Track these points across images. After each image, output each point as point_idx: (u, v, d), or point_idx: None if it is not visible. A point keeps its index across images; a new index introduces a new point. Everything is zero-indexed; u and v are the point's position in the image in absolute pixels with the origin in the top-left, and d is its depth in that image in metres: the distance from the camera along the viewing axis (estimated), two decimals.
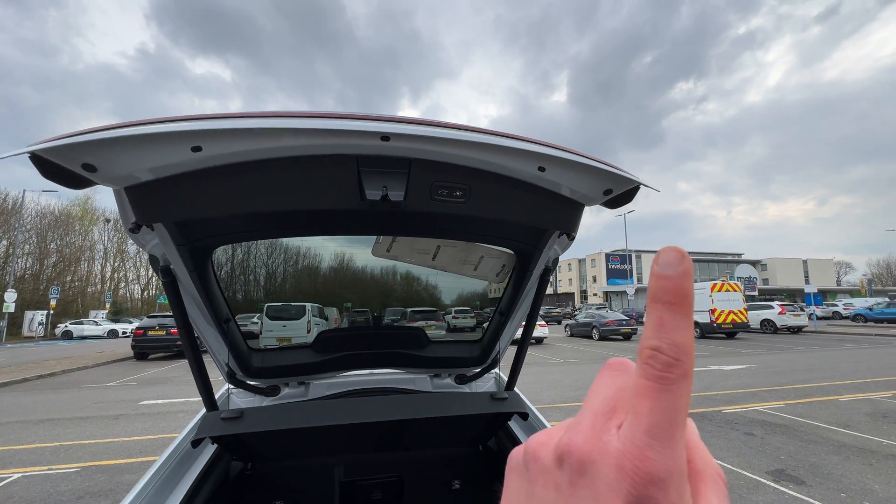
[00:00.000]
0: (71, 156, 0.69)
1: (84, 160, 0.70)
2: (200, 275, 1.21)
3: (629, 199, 0.99)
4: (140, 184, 0.80)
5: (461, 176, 0.87)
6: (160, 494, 1.20)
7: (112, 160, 0.71)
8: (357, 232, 1.34)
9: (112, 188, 0.82)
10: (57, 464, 4.62)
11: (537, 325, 10.18)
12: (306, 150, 0.78)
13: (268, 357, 1.65)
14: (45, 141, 0.66)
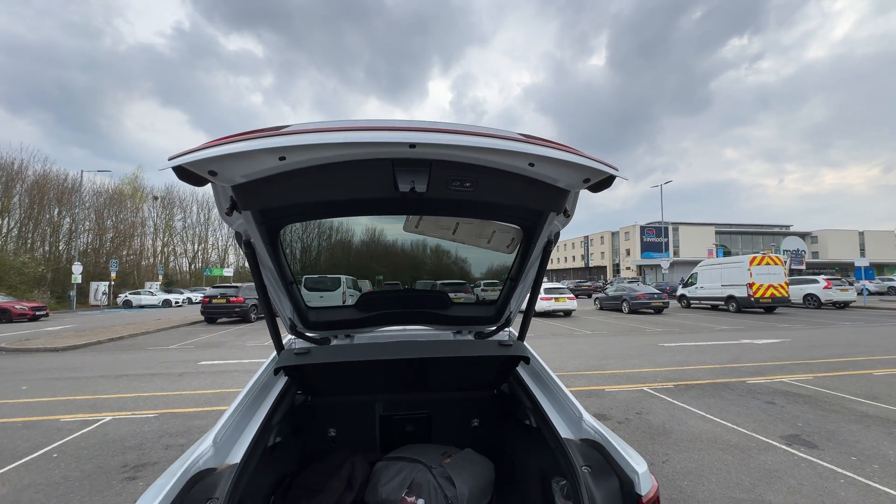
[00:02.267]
0: (202, 165, 1.00)
1: (210, 168, 1.02)
2: (272, 247, 1.55)
3: (608, 185, 1.22)
4: (242, 183, 1.12)
5: (469, 171, 1.14)
6: (248, 413, 1.60)
7: (229, 168, 1.03)
8: (392, 213, 1.64)
9: (224, 187, 1.15)
10: (138, 410, 5.39)
11: (565, 297, 10.55)
12: (357, 157, 1.07)
13: (322, 313, 2.02)
14: (185, 154, 0.98)
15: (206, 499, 1.15)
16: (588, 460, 1.33)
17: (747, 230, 70.09)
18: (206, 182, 1.08)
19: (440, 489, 1.73)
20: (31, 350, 10.61)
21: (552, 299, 17.57)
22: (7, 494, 3.25)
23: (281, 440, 1.66)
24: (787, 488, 3.20)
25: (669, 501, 3.04)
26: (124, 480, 3.46)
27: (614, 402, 5.45)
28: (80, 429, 4.70)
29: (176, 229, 50.89)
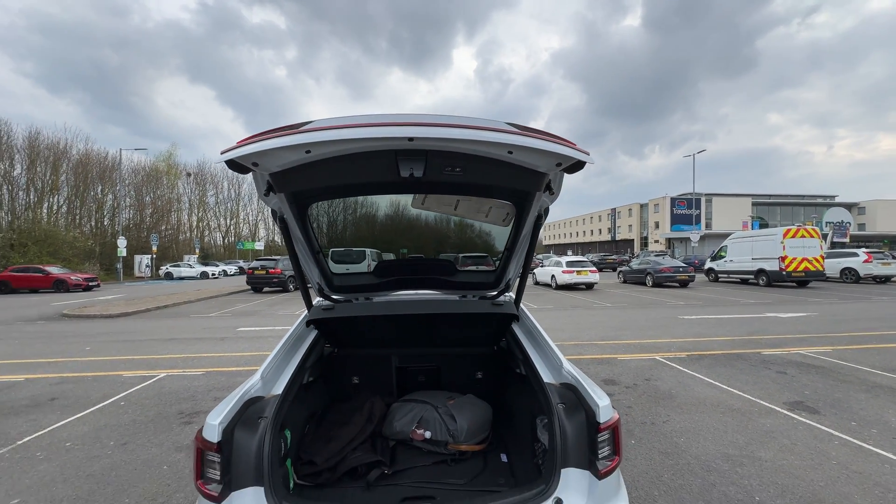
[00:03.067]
0: (247, 158, 1.28)
1: (252, 160, 1.29)
2: (301, 222, 1.84)
3: (581, 167, 1.42)
4: (279, 171, 1.40)
5: (458, 159, 1.37)
6: (287, 358, 1.95)
7: (267, 160, 1.30)
8: (397, 192, 1.90)
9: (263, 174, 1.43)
10: (187, 368, 6.03)
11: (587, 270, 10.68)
12: (366, 149, 1.31)
13: (344, 279, 2.33)
14: (233, 149, 1.25)
15: (257, 417, 1.49)
16: (563, 399, 1.59)
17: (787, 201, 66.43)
18: (249, 171, 1.36)
19: (444, 424, 2.05)
20: (90, 316, 11.69)
21: (574, 272, 17.62)
22: (89, 432, 3.85)
23: (313, 380, 2.01)
24: (780, 447, 3.40)
25: (664, 455, 3.30)
26: (182, 424, 4.01)
27: (625, 370, 5.67)
28: (140, 383, 5.35)
29: (209, 205, 53.00)
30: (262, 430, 1.45)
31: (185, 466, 3.18)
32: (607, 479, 1.40)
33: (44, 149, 33.93)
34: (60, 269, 21.95)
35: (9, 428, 3.97)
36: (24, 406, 4.57)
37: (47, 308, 14.01)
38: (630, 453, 3.32)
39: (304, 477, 1.82)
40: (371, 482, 1.81)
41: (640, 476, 2.99)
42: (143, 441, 3.65)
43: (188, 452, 3.41)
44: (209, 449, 1.34)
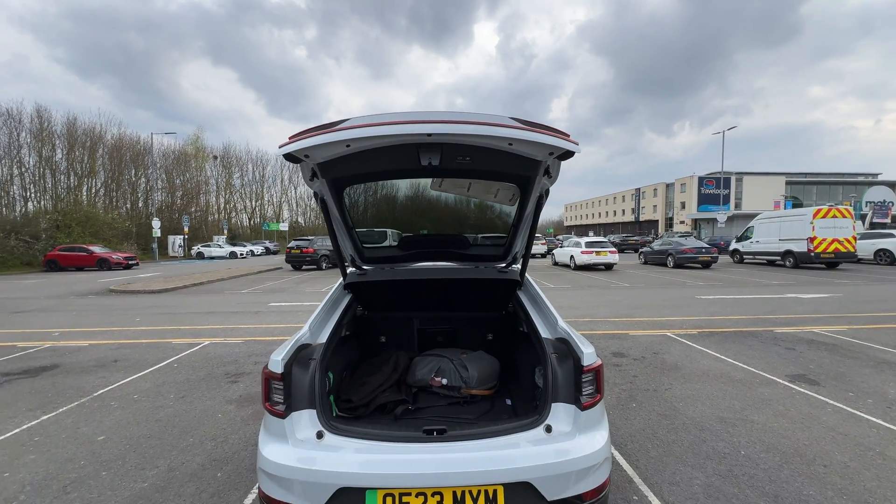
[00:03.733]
0: (300, 152, 1.61)
1: (306, 153, 1.63)
2: (338, 203, 2.19)
3: (571, 156, 1.70)
4: (324, 161, 1.73)
5: (467, 150, 1.67)
6: (328, 315, 2.33)
7: (316, 152, 1.64)
8: (419, 177, 2.22)
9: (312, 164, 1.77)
10: (228, 338, 6.63)
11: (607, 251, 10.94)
12: (393, 143, 1.63)
13: (373, 251, 2.70)
14: (289, 144, 1.58)
15: (308, 358, 1.87)
16: (557, 350, 1.91)
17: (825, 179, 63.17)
18: (301, 161, 1.70)
19: (458, 372, 2.41)
20: (134, 292, 12.62)
21: (593, 253, 17.66)
22: (151, 388, 4.42)
23: (349, 335, 2.40)
24: (774, 412, 3.64)
25: (661, 416, 3.60)
26: (229, 382, 4.54)
27: (635, 344, 5.93)
28: (188, 349, 5.95)
29: (235, 187, 54.51)
30: (313, 368, 1.83)
31: (237, 416, 3.69)
32: (589, 411, 1.73)
33: (81, 134, 35.54)
34: (102, 249, 23.37)
35: (84, 383, 4.59)
36: (92, 366, 5.22)
37: (95, 284, 15.12)
38: (630, 414, 3.63)
39: (344, 411, 2.22)
40: (397, 416, 2.21)
41: (636, 432, 3.31)
42: (198, 395, 4.19)
43: (238, 405, 3.92)
44: (275, 379, 1.73)
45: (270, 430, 1.74)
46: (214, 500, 2.51)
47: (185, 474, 2.79)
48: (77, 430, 3.46)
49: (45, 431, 3.43)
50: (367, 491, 1.54)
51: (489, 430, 1.69)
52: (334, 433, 1.69)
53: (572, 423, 1.73)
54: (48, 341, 6.55)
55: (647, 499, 2.47)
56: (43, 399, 4.14)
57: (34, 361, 5.44)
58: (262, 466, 1.65)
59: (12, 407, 3.95)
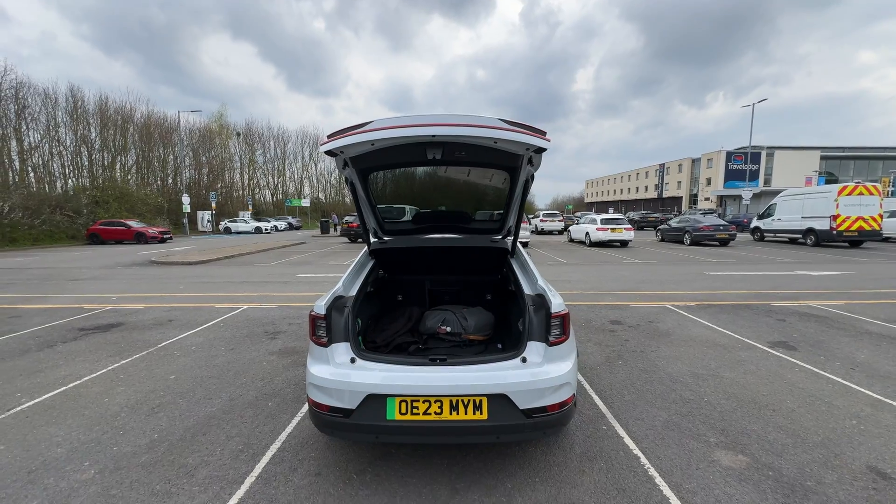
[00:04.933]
0: (336, 148, 2.15)
1: (339, 149, 2.16)
2: (364, 186, 2.74)
3: (544, 151, 2.18)
4: (354, 155, 2.27)
5: (463, 146, 2.18)
6: (356, 275, 2.93)
7: (348, 150, 2.17)
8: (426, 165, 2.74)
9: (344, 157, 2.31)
10: (263, 303, 7.41)
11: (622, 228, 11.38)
12: (406, 141, 2.14)
13: (392, 225, 3.27)
14: (326, 142, 2.12)
15: (343, 306, 2.47)
16: (534, 302, 2.44)
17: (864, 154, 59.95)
18: (336, 155, 2.24)
19: (459, 322, 3.00)
20: (173, 263, 13.67)
21: (608, 230, 17.84)
22: (204, 342, 5.20)
23: (373, 291, 3.00)
24: (744, 370, 4.11)
25: (642, 371, 4.11)
26: (268, 339, 5.27)
27: (632, 314, 6.39)
28: (230, 312, 6.74)
29: (258, 163, 55.83)
30: (346, 313, 2.42)
31: (279, 363, 4.39)
32: (556, 347, 2.27)
33: (112, 113, 36.92)
34: (139, 224, 24.83)
35: (148, 337, 5.41)
36: (151, 324, 6.05)
37: (136, 256, 16.34)
38: (615, 370, 4.16)
39: (369, 349, 2.84)
40: (410, 352, 2.82)
41: (617, 383, 3.84)
42: (245, 348, 4.92)
43: (279, 355, 4.63)
44: (319, 318, 2.33)
45: (316, 356, 2.35)
46: (269, 419, 3.20)
47: (243, 403, 3.50)
48: (152, 371, 4.23)
49: (126, 372, 4.22)
50: (387, 398, 2.14)
51: (479, 360, 2.26)
52: (363, 359, 2.29)
53: (542, 356, 2.28)
54: (109, 304, 7.47)
55: (614, 428, 3.02)
56: (118, 348, 4.95)
57: (102, 320, 6.32)
58: (310, 381, 2.27)
59: (95, 353, 4.77)
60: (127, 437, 2.97)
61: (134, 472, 2.56)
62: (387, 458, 2.62)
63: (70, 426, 3.14)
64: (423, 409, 2.12)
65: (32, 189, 28.87)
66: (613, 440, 2.87)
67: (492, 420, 2.12)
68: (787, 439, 2.86)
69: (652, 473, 2.50)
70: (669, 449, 2.76)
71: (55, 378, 4.05)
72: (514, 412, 2.13)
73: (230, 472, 2.54)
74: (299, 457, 2.70)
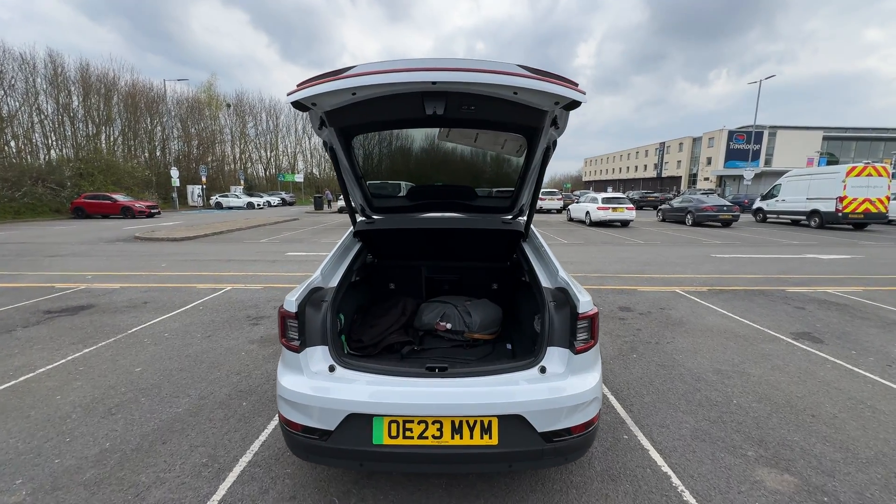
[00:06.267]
0: (308, 100, 1.64)
1: (313, 101, 1.65)
2: (347, 152, 2.23)
3: (577, 106, 1.68)
4: (331, 109, 1.76)
5: (472, 99, 1.67)
6: (339, 262, 2.45)
7: (323, 101, 1.66)
8: (424, 126, 2.22)
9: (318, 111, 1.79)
10: (248, 284, 6.94)
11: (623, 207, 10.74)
12: (399, 91, 1.63)
13: (382, 201, 2.77)
14: (296, 91, 1.61)
15: (321, 300, 2.01)
16: (555, 298, 2.00)
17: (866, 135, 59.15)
18: (308, 109, 1.73)
19: (461, 318, 2.55)
20: (158, 239, 13.10)
21: (609, 209, 17.36)
22: (180, 327, 4.75)
23: (359, 280, 2.54)
24: (771, 366, 3.74)
25: (660, 366, 3.73)
26: (250, 324, 4.84)
27: (642, 300, 6.01)
28: (211, 293, 6.28)
29: (249, 136, 54.21)
30: (324, 309, 1.97)
31: (259, 354, 3.97)
32: (583, 355, 1.84)
33: (95, 80, 35.26)
34: (125, 197, 23.98)
35: (118, 321, 4.95)
36: (125, 307, 5.59)
37: (121, 232, 15.70)
38: (629, 364, 3.78)
39: (354, 350, 2.40)
40: (404, 355, 2.38)
41: (634, 380, 3.46)
42: (223, 335, 4.49)
43: (259, 344, 4.20)
44: (289, 317, 1.87)
45: (287, 363, 1.91)
46: (241, 424, 2.79)
47: (214, 402, 3.08)
48: (116, 362, 3.80)
49: (87, 363, 3.78)
50: (374, 417, 1.71)
51: (487, 369, 1.82)
52: (345, 367, 1.85)
53: (565, 366, 1.85)
54: (83, 283, 6.97)
55: (637, 438, 2.64)
56: (83, 334, 4.50)
57: (72, 301, 5.85)
58: (280, 394, 1.83)
59: (57, 341, 4.32)
60: (73, 446, 2.55)
61: (73, 493, 2.15)
62: (374, 477, 2.22)
63: (10, 431, 2.71)
64: (418, 432, 1.70)
65: (13, 160, 27.75)
66: (638, 454, 2.49)
67: (503, 445, 1.70)
68: (835, 454, 2.49)
69: (688, 499, 2.12)
70: (703, 465, 2.38)
71: (5, 370, 3.61)
72: (531, 435, 1.72)
73: (188, 495, 2.14)
74: (272, 474, 2.29)
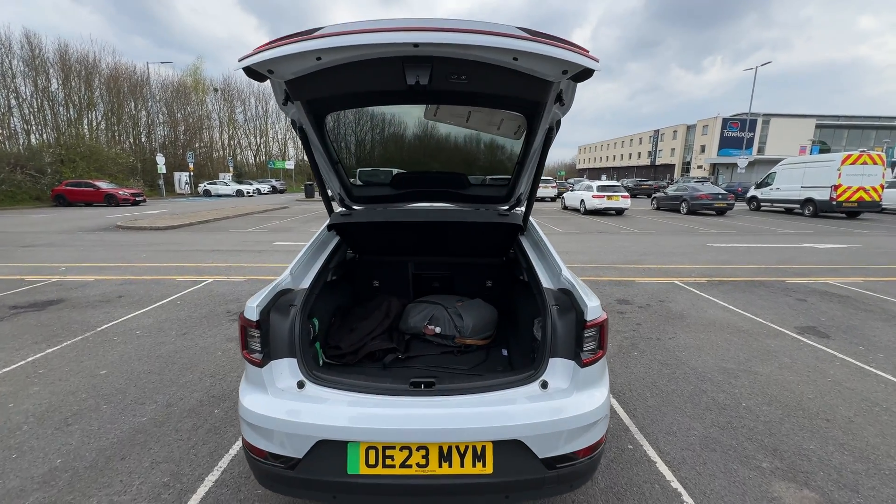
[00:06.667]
0: (262, 66, 1.34)
1: (268, 67, 1.36)
2: (319, 132, 1.93)
3: (589, 76, 1.40)
4: (292, 79, 1.46)
5: (463, 66, 1.38)
6: (312, 259, 2.18)
7: (281, 67, 1.36)
8: (407, 103, 1.92)
9: (278, 81, 1.49)
10: (231, 276, 6.63)
11: (618, 195, 10.45)
12: (373, 55, 1.34)
13: (363, 190, 2.47)
14: (249, 56, 1.31)
15: (288, 305, 1.74)
16: (558, 301, 1.75)
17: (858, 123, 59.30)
18: (266, 78, 1.43)
19: (452, 321, 2.30)
20: (140, 228, 12.65)
21: (604, 197, 17.14)
22: (153, 324, 4.46)
23: (336, 280, 2.26)
24: (779, 364, 3.56)
25: (663, 365, 3.54)
26: (230, 321, 4.56)
27: (640, 291, 5.81)
28: (191, 286, 5.97)
29: (238, 122, 52.93)
30: (293, 315, 1.71)
31: (237, 353, 3.71)
32: (589, 368, 1.60)
33: (75, 62, 33.95)
34: (109, 185, 23.27)
35: (88, 317, 4.64)
36: (97, 301, 5.27)
37: (102, 220, 15.19)
38: (630, 363, 3.58)
39: (331, 358, 2.14)
40: (386, 364, 2.12)
41: (635, 381, 3.26)
42: (200, 332, 4.21)
43: (238, 343, 3.93)
44: (250, 326, 1.61)
45: (250, 379, 1.65)
46: (211, 435, 2.54)
47: (183, 410, 2.83)
48: (80, 363, 3.51)
49: (49, 364, 3.49)
50: (348, 444, 1.46)
51: (480, 385, 1.58)
52: (316, 383, 1.60)
53: (570, 380, 1.61)
54: (55, 276, 6.61)
55: (643, 448, 2.44)
56: (48, 332, 4.20)
57: (41, 295, 5.51)
58: (242, 415, 1.58)
59: (18, 339, 4.01)
60: (20, 464, 2.29)
61: None
62: None
63: None
64: (400, 460, 1.47)
65: None
66: (644, 466, 2.29)
67: (499, 474, 1.47)
68: (856, 464, 2.31)
69: None
70: (716, 480, 2.18)
71: None
72: (531, 462, 1.49)
73: None
74: (240, 496, 2.05)
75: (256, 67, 1.34)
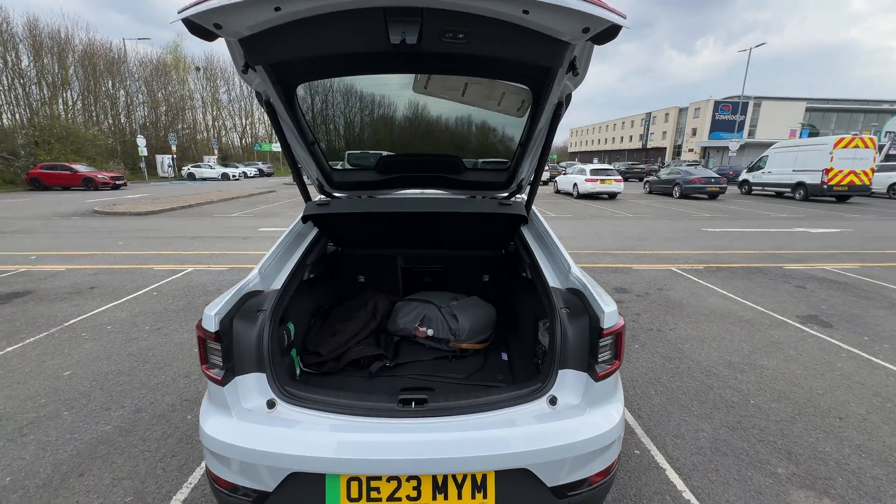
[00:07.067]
0: (207, 18, 1.06)
1: (214, 20, 1.08)
2: (289, 106, 1.65)
3: (614, 36, 1.15)
4: (247, 37, 1.18)
5: (461, 21, 1.11)
6: (286, 255, 1.92)
7: (230, 20, 1.08)
8: (391, 71, 1.64)
9: (230, 40, 1.21)
10: (212, 264, 6.32)
11: (611, 179, 10.15)
12: (348, 5, 1.07)
13: (345, 175, 2.20)
14: (190, 7, 1.03)
15: (256, 310, 1.49)
16: (568, 304, 1.53)
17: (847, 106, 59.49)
18: (214, 36, 1.15)
19: (446, 323, 2.08)
20: (119, 214, 12.15)
21: (597, 181, 16.94)
22: (126, 318, 4.18)
23: (316, 277, 2.01)
24: (784, 357, 3.43)
25: (666, 359, 3.38)
26: None
27: (638, 279, 5.65)
28: (170, 276, 5.66)
29: (223, 103, 51.31)
30: (261, 322, 1.46)
31: None
32: (604, 382, 1.40)
33: (46, 38, 32.25)
34: (88, 168, 22.38)
35: (56, 311, 4.34)
36: (67, 293, 4.95)
37: (80, 205, 14.58)
38: (632, 357, 3.42)
39: (310, 366, 1.91)
40: (373, 373, 1.90)
41: (638, 377, 3.10)
42: (175, 327, 3.94)
43: None
44: (209, 338, 1.36)
45: (212, 399, 1.42)
46: (181, 445, 2.32)
47: (153, 416, 2.59)
48: (42, 363, 3.24)
49: (7, 365, 3.21)
50: (326, 476, 1.25)
51: (480, 403, 1.37)
52: (289, 402, 1.37)
53: (582, 395, 1.41)
54: (24, 265, 6.24)
55: (650, 453, 2.28)
56: (10, 329, 3.90)
57: (6, 287, 5.17)
58: (203, 442, 1.35)
59: None
60: None
61: None
62: None
63: None
64: (387, 493, 1.26)
65: None
66: (653, 474, 2.13)
67: None
68: (875, 468, 2.17)
69: None
70: (730, 489, 2.03)
71: None
72: (539, 491, 1.29)
73: None
74: None
75: (199, 20, 1.06)
